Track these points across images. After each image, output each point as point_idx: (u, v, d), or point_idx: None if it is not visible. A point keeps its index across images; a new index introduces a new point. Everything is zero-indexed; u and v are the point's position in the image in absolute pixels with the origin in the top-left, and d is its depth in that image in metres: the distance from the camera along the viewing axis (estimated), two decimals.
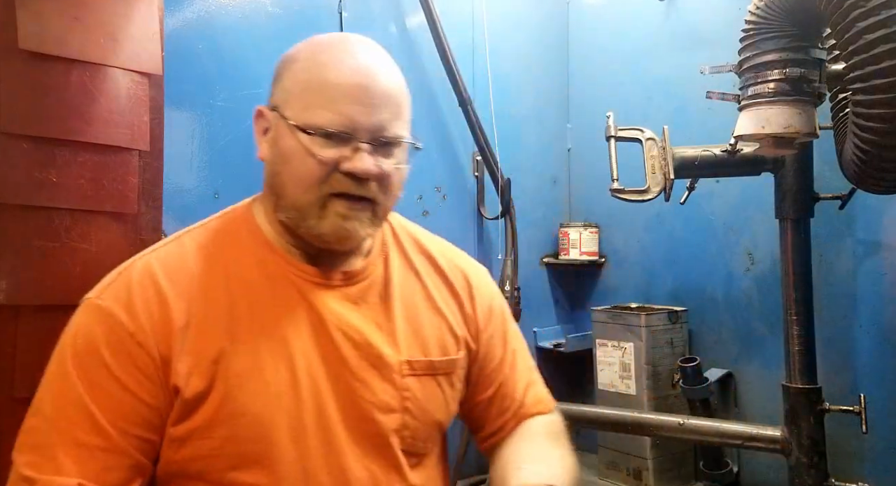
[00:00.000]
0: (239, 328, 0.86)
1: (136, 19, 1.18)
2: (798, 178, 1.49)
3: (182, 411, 0.83)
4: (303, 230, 0.89)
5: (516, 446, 1.02)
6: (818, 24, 1.17)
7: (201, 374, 0.83)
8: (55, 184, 1.09)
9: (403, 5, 1.86)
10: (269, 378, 0.85)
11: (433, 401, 0.96)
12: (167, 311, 0.84)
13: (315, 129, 0.85)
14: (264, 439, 0.84)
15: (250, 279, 0.90)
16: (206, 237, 0.93)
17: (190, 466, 0.83)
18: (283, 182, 0.89)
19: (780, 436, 1.49)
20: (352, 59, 0.89)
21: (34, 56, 1.07)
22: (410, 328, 0.97)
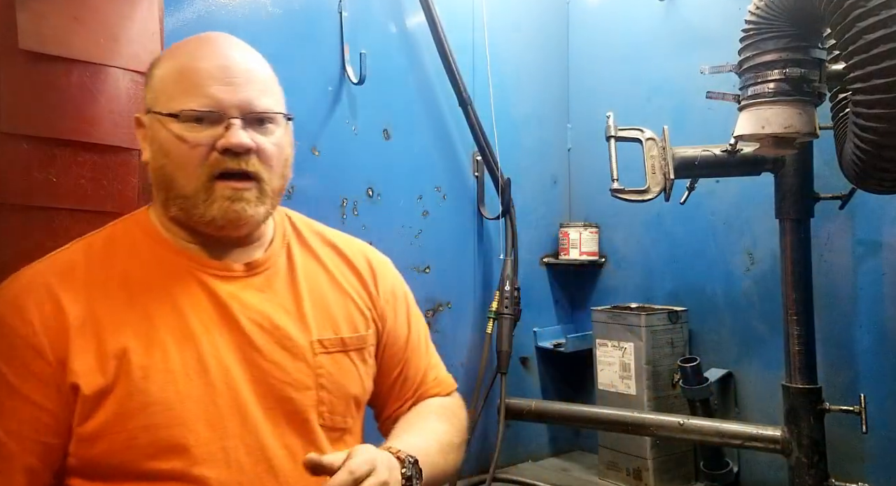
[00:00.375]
0: (141, 324, 0.89)
1: (136, 19, 1.18)
2: (798, 178, 1.49)
3: (85, 408, 0.84)
4: (195, 219, 0.92)
5: (403, 420, 1.08)
6: (818, 24, 1.17)
7: (102, 371, 0.85)
8: (55, 184, 1.09)
9: (403, 5, 1.86)
10: (175, 368, 0.88)
11: (347, 376, 1.01)
12: (61, 312, 0.86)
13: (184, 113, 0.89)
14: (178, 425, 0.86)
15: (151, 278, 0.93)
16: (97, 243, 0.96)
17: (109, 460, 0.85)
18: (168, 174, 0.92)
19: (780, 436, 1.49)
20: (209, 47, 0.95)
21: (34, 56, 1.07)
22: (319, 310, 1.01)
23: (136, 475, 0.85)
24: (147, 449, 0.85)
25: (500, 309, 1.92)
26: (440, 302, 1.93)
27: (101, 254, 0.94)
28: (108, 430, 0.84)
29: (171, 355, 0.89)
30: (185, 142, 0.90)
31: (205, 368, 0.90)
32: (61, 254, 0.94)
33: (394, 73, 1.84)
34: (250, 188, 0.92)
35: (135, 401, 0.85)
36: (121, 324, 0.88)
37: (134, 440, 0.85)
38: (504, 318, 1.91)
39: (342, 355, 1.02)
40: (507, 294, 1.92)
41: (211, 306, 0.94)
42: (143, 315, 0.90)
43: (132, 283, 0.92)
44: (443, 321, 1.94)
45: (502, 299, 1.92)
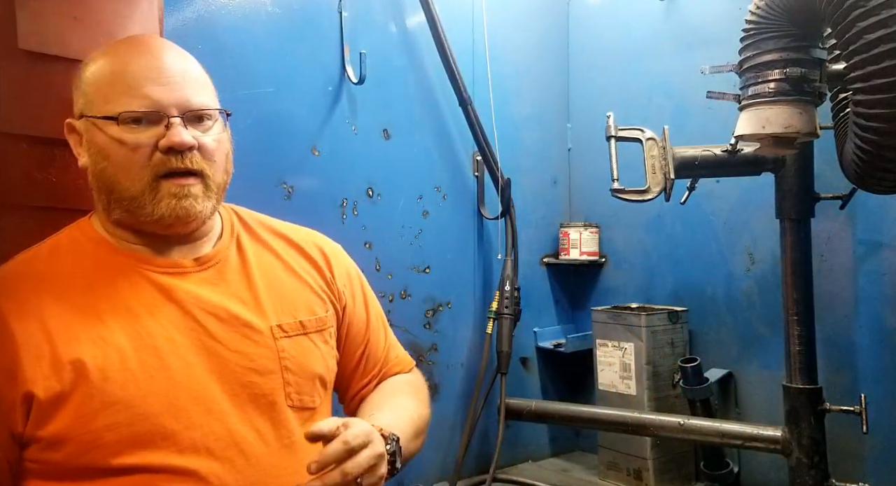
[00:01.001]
0: (95, 329, 0.90)
1: (136, 19, 1.18)
2: (798, 178, 1.49)
3: (42, 414, 0.85)
4: (142, 219, 0.94)
5: (371, 398, 1.14)
6: (818, 23, 1.17)
7: (58, 377, 0.86)
8: (55, 184, 1.10)
9: (403, 5, 1.86)
10: (133, 367, 0.89)
11: (309, 357, 1.04)
12: (8, 330, 0.87)
13: (123, 115, 0.90)
14: (141, 421, 0.88)
15: (99, 282, 0.94)
16: (42, 254, 0.96)
17: (76, 461, 0.86)
18: (109, 177, 0.93)
19: (780, 436, 1.49)
20: (140, 48, 0.96)
21: (34, 56, 1.07)
22: (275, 297, 1.04)
23: (105, 473, 0.87)
24: (114, 447, 0.87)
25: (500, 309, 1.92)
26: (440, 302, 1.93)
27: (46, 264, 0.95)
28: (72, 432, 0.86)
29: (127, 355, 0.90)
30: (126, 144, 0.91)
31: (164, 364, 0.91)
32: (5, 268, 0.95)
33: (394, 73, 1.84)
34: (195, 184, 0.94)
35: (95, 402, 0.87)
36: (73, 331, 0.89)
37: (99, 440, 0.86)
38: (504, 318, 1.91)
39: (303, 337, 1.05)
40: (507, 294, 1.92)
41: (164, 303, 0.95)
42: (95, 319, 0.91)
43: (81, 289, 0.92)
44: (443, 321, 1.94)
45: (502, 299, 1.92)
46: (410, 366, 1.24)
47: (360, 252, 1.75)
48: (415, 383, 1.21)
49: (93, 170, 0.95)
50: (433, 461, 1.88)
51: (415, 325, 1.88)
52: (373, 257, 1.78)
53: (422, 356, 1.89)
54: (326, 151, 1.69)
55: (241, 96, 1.54)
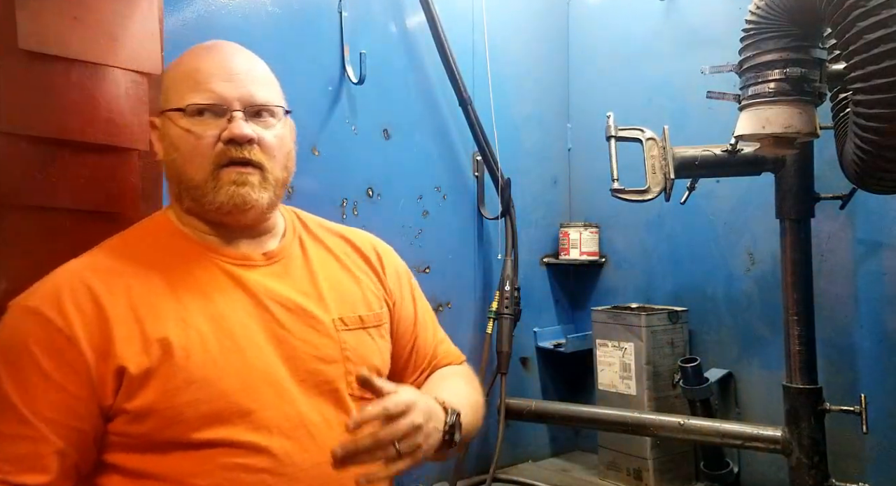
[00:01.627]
0: (181, 311, 0.96)
1: (136, 19, 1.19)
2: (798, 178, 1.49)
3: (132, 388, 0.90)
4: (206, 206, 0.99)
5: (427, 385, 1.18)
6: (818, 23, 1.17)
7: (147, 353, 0.91)
8: (54, 184, 1.10)
9: (403, 5, 1.86)
10: (212, 348, 0.95)
11: (368, 350, 1.09)
12: (100, 307, 0.92)
13: (189, 107, 0.97)
14: (219, 399, 0.93)
15: (179, 269, 1.00)
16: (126, 243, 1.03)
17: (158, 435, 0.91)
18: (179, 167, 1.00)
19: (780, 436, 1.49)
20: (213, 50, 1.04)
21: (34, 56, 1.07)
22: (335, 293, 1.09)
23: (184, 446, 0.92)
24: (194, 422, 0.92)
25: (500, 309, 1.92)
26: (440, 302, 1.93)
27: (130, 250, 1.00)
28: (157, 407, 0.91)
29: (207, 337, 0.95)
30: (192, 134, 0.97)
31: (239, 347, 0.97)
32: (92, 255, 1.00)
33: (394, 73, 1.84)
34: (253, 174, 0.99)
35: (178, 379, 0.92)
36: (159, 311, 0.94)
37: (181, 415, 0.91)
38: (504, 318, 1.91)
39: (362, 331, 1.09)
40: (508, 294, 1.92)
41: (235, 290, 1.01)
42: (176, 302, 0.96)
43: (161, 273, 0.98)
44: (443, 321, 1.90)
45: (502, 299, 1.92)
46: (461, 359, 1.27)
47: None
48: (467, 372, 1.24)
49: (166, 161, 1.02)
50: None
51: None
52: None
53: None
54: (326, 151, 1.69)
55: None
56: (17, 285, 1.06)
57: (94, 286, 0.93)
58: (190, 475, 0.92)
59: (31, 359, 0.88)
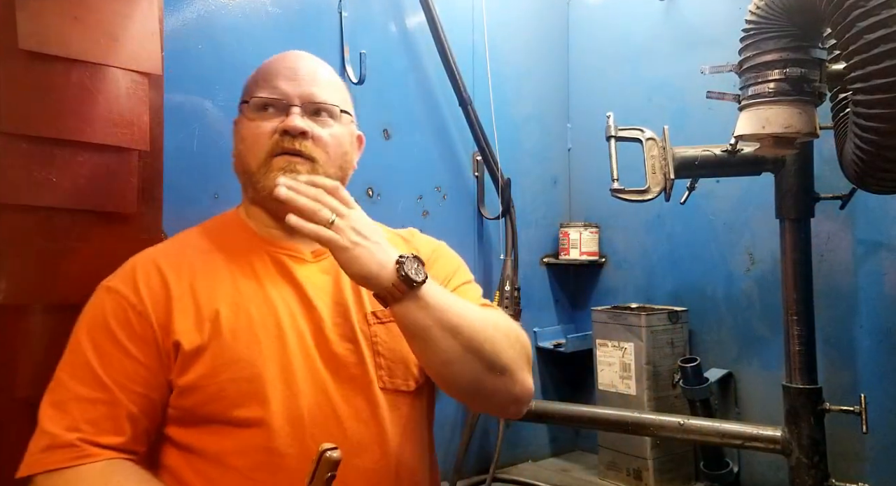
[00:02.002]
0: (230, 293, 1.03)
1: (136, 19, 1.18)
2: (798, 178, 1.49)
3: (184, 363, 0.98)
4: (260, 193, 1.06)
5: None
6: (818, 23, 1.17)
7: (199, 331, 0.99)
8: (55, 184, 1.09)
9: (403, 5, 1.86)
10: (258, 332, 1.01)
11: (401, 342, 1.06)
12: (166, 286, 1.01)
13: (253, 100, 1.07)
14: (258, 379, 0.98)
15: (238, 256, 1.08)
16: (200, 233, 1.13)
17: (201, 409, 0.98)
18: (242, 156, 1.08)
19: (780, 436, 1.49)
20: (286, 55, 1.12)
21: (34, 56, 1.07)
22: None
23: (222, 422, 0.97)
24: (234, 400, 0.97)
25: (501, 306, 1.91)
26: None
27: (197, 239, 1.10)
28: (202, 382, 0.97)
29: (254, 320, 1.02)
30: (255, 124, 1.06)
31: (282, 333, 1.02)
32: (170, 241, 1.12)
33: (394, 73, 1.84)
34: (303, 163, 1.05)
35: (224, 357, 0.98)
36: (214, 293, 1.02)
37: (223, 391, 0.97)
38: None
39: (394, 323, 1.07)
40: (507, 294, 1.92)
41: (285, 282, 1.07)
42: (231, 286, 1.04)
43: (223, 261, 1.06)
44: None
45: (502, 299, 1.92)
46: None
47: None
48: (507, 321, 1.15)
49: (235, 153, 1.11)
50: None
51: None
52: None
53: None
54: None
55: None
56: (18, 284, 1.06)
57: (163, 267, 1.02)
58: (229, 454, 0.97)
59: (109, 331, 0.97)
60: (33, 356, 1.07)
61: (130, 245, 1.16)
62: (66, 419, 0.93)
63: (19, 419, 1.04)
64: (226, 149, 1.53)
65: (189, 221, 1.18)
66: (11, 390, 1.06)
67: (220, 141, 1.52)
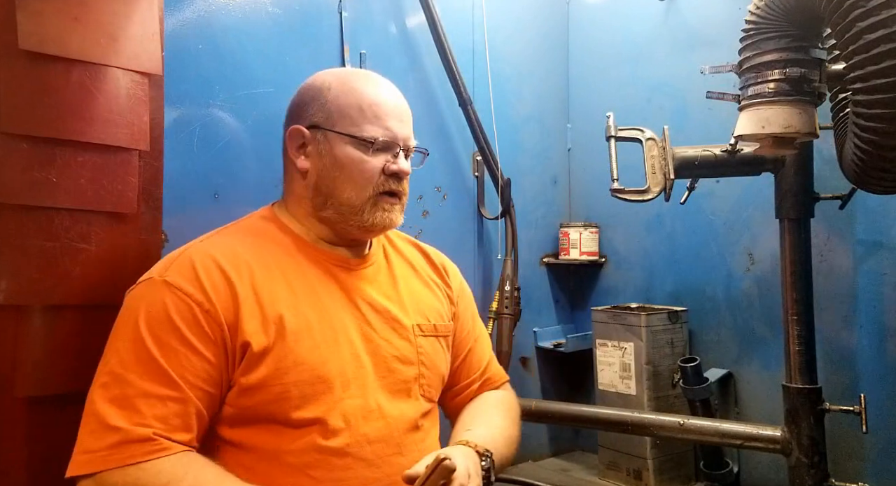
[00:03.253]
0: (292, 299, 1.06)
1: (136, 19, 1.18)
2: (798, 178, 1.49)
3: (251, 363, 1.00)
4: (352, 223, 1.11)
5: (470, 410, 1.28)
6: (818, 24, 1.17)
7: (266, 333, 1.01)
8: (55, 184, 1.09)
9: (403, 5, 1.86)
10: (317, 336, 1.05)
11: (438, 357, 1.20)
12: (232, 288, 1.02)
13: (371, 140, 1.09)
14: (321, 382, 1.03)
15: (292, 263, 1.10)
16: (246, 233, 1.13)
17: (263, 409, 1.00)
18: (339, 185, 1.10)
19: (780, 436, 1.49)
20: (380, 86, 1.14)
21: (34, 56, 1.07)
22: (413, 300, 1.20)
23: (282, 421, 1.01)
24: (296, 401, 1.01)
25: (500, 309, 1.92)
26: None
27: (248, 241, 1.10)
28: (268, 383, 1.00)
29: (313, 325, 1.05)
30: (367, 162, 1.09)
31: (337, 338, 1.07)
32: (219, 239, 1.10)
33: (394, 73, 1.83)
34: (398, 203, 1.14)
35: (289, 360, 1.01)
36: (275, 297, 1.05)
37: (287, 393, 1.01)
38: (504, 318, 1.91)
39: (434, 338, 1.20)
40: (508, 294, 1.92)
41: (336, 289, 1.12)
42: (290, 291, 1.07)
43: (278, 265, 1.08)
44: None
45: (502, 299, 1.92)
46: (505, 380, 1.37)
47: None
48: (509, 401, 1.33)
49: (321, 174, 1.11)
50: None
51: None
52: None
53: None
54: None
55: (241, 96, 1.54)
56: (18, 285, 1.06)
57: (225, 267, 1.03)
58: (285, 452, 1.01)
59: (175, 329, 0.97)
60: (33, 356, 1.07)
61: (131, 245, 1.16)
62: (135, 416, 0.92)
63: (19, 419, 1.04)
64: (226, 149, 1.54)
65: (189, 221, 1.18)
66: (11, 391, 1.06)
67: (220, 141, 1.52)
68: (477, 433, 1.16)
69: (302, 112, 1.14)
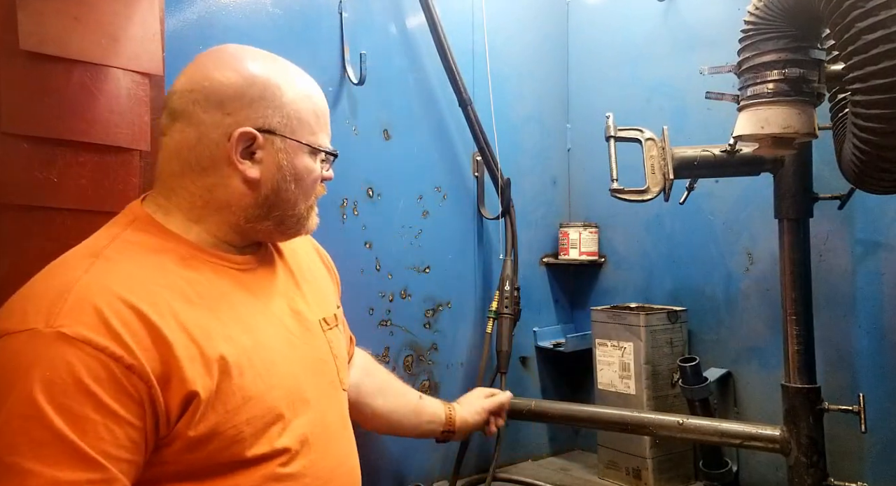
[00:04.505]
0: (222, 327, 0.93)
1: (137, 19, 1.19)
2: (797, 178, 1.50)
3: (199, 413, 0.86)
4: (292, 233, 1.06)
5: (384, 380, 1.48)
6: (817, 24, 1.18)
7: (210, 374, 0.88)
8: (55, 184, 1.10)
9: (403, 5, 1.86)
10: (256, 363, 0.94)
11: (343, 346, 1.17)
12: (155, 331, 0.84)
13: (325, 149, 1.04)
14: (271, 412, 0.94)
15: (204, 282, 0.95)
16: (138, 253, 0.92)
17: (219, 456, 0.89)
18: (291, 198, 1.00)
19: (779, 436, 1.50)
20: (315, 86, 1.06)
21: (34, 56, 1.07)
22: (312, 292, 1.13)
23: (239, 465, 0.91)
24: (250, 440, 0.91)
25: (500, 309, 1.92)
26: (440, 302, 1.93)
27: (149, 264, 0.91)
28: (219, 429, 0.88)
29: (251, 352, 0.95)
30: (315, 172, 1.03)
31: (273, 358, 0.98)
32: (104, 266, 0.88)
33: (394, 73, 1.84)
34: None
35: (238, 398, 0.91)
36: (207, 330, 0.90)
37: (241, 434, 0.91)
38: (504, 318, 1.91)
39: (336, 329, 1.15)
40: (507, 294, 1.92)
41: (252, 300, 1.00)
42: (216, 318, 0.92)
43: (193, 289, 0.93)
44: (443, 321, 1.95)
45: (502, 299, 1.92)
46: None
47: (360, 252, 1.75)
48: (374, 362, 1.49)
49: (272, 185, 0.98)
50: (433, 460, 1.88)
51: (415, 325, 1.88)
52: (373, 256, 1.78)
53: (422, 356, 1.89)
54: None
55: None
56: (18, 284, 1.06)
57: (139, 305, 0.84)
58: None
59: (89, 395, 0.78)
60: None
61: None
62: None
63: None
64: None
65: None
66: None
67: None
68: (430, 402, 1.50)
69: (242, 109, 0.95)
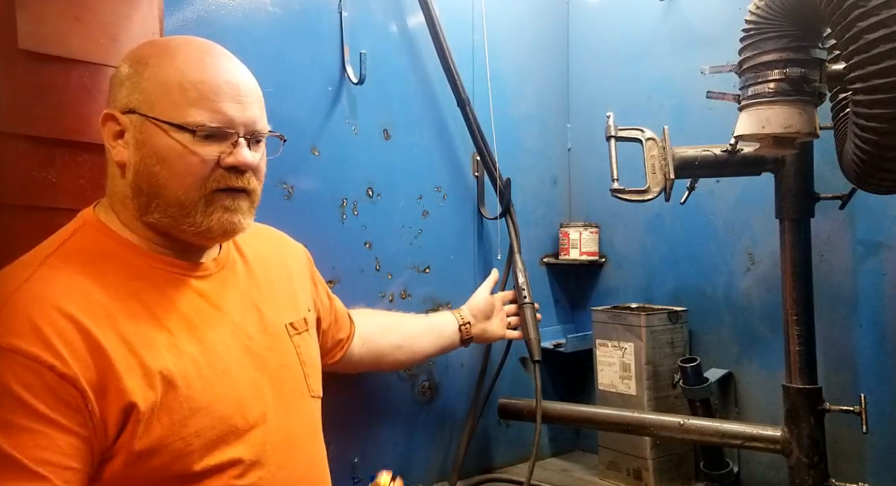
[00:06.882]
0: (167, 337, 0.90)
1: (137, 19, 1.19)
2: (798, 178, 1.49)
3: (141, 425, 0.84)
4: (185, 227, 0.93)
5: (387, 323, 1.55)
6: (818, 23, 1.17)
7: (152, 387, 0.86)
8: (55, 184, 1.10)
9: (403, 6, 1.86)
10: (205, 372, 0.92)
11: (314, 350, 1.14)
12: (92, 341, 0.83)
13: (196, 127, 0.89)
14: (220, 423, 0.92)
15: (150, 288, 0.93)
16: (80, 260, 0.90)
17: (168, 470, 0.87)
18: (161, 181, 0.91)
19: (780, 436, 1.49)
20: (212, 59, 0.94)
21: (34, 56, 1.07)
22: (278, 295, 1.10)
23: (189, 478, 0.89)
24: (200, 452, 0.89)
25: (520, 300, 1.87)
26: (440, 302, 1.93)
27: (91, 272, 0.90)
28: (166, 441, 0.87)
29: (199, 362, 0.92)
30: (194, 155, 0.90)
31: (226, 367, 0.95)
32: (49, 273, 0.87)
33: (394, 73, 1.84)
34: (244, 200, 0.97)
35: (185, 410, 0.88)
36: (149, 340, 0.88)
37: (189, 446, 0.88)
38: (526, 306, 1.84)
39: (306, 333, 1.13)
40: (523, 285, 1.87)
41: (208, 308, 0.99)
42: (161, 328, 0.91)
43: (137, 297, 0.91)
44: None
45: (518, 291, 1.88)
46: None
47: (360, 252, 1.75)
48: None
49: (140, 170, 0.92)
50: (433, 461, 1.88)
51: None
52: (373, 256, 1.78)
53: None
54: (326, 152, 1.69)
55: None
56: None
57: (75, 314, 0.83)
58: None
59: (21, 404, 0.78)
60: None
61: None
62: None
63: None
64: None
65: None
66: None
67: None
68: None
69: (116, 93, 0.94)
